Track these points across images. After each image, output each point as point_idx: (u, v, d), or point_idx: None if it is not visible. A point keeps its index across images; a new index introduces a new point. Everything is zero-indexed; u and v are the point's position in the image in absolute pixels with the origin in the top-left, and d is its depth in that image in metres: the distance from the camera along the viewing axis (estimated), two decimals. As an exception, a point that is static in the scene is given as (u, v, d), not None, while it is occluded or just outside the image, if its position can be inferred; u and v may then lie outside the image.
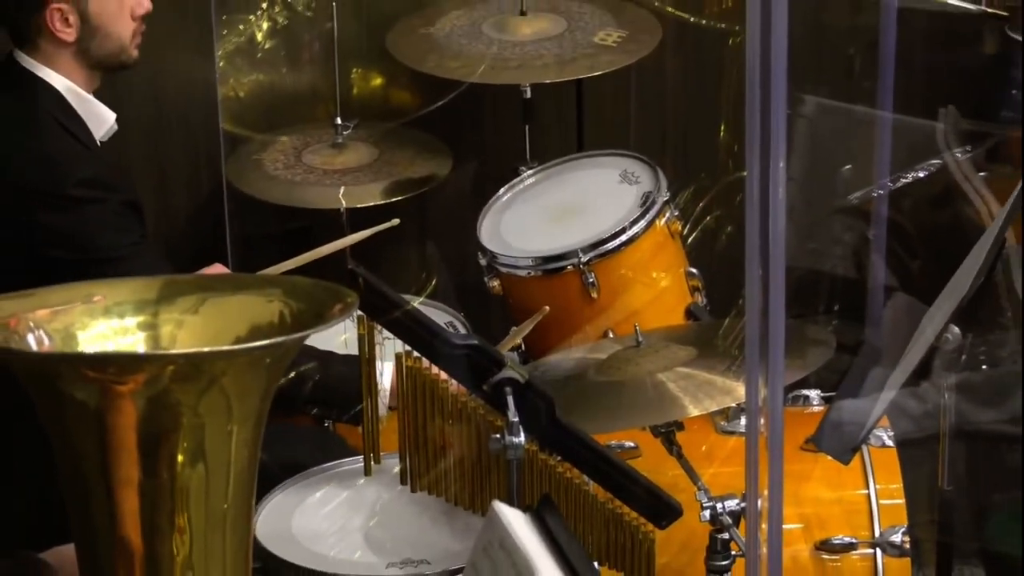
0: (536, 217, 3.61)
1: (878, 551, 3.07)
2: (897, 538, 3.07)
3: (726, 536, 2.81)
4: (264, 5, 3.93)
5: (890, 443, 3.18)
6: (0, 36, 3.21)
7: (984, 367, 2.99)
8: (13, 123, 3.10)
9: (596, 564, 2.72)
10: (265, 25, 3.94)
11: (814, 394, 3.35)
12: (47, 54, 3.13)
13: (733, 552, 2.82)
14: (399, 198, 3.72)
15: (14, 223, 3.05)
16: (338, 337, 3.21)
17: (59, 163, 3.07)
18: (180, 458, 1.99)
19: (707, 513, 2.80)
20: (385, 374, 2.88)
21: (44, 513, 2.90)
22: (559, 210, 3.60)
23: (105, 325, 2.08)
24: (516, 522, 2.34)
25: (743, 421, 3.16)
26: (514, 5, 3.86)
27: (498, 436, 2.64)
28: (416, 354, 2.67)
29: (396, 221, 3.48)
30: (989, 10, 3.63)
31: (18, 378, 1.99)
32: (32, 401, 2.01)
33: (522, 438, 2.62)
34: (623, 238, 3.42)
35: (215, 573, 2.06)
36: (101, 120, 3.19)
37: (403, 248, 3.96)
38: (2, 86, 3.14)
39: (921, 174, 3.24)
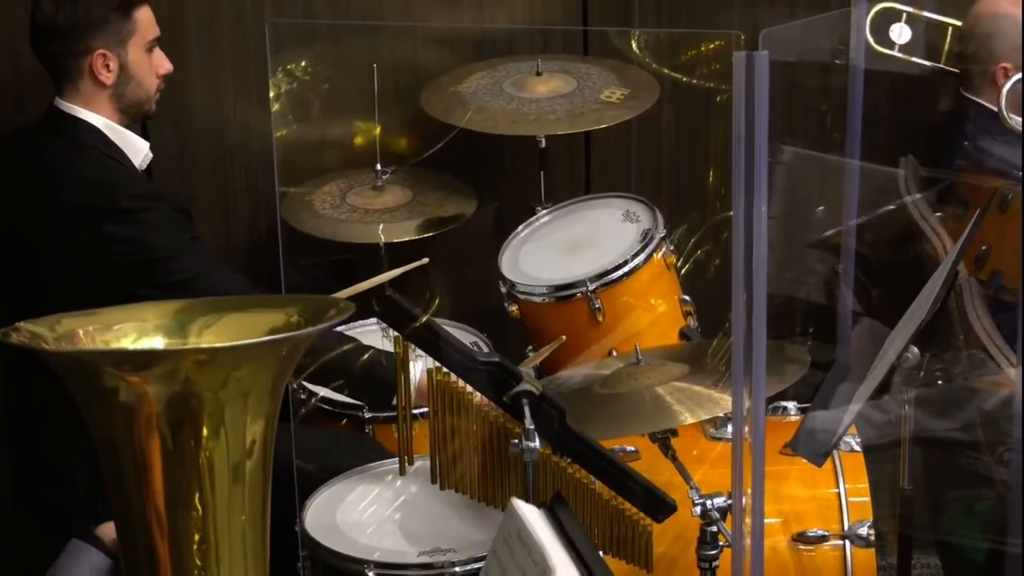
0: (550, 251, 3.60)
1: (847, 542, 3.05)
2: (864, 531, 3.04)
3: (715, 529, 2.79)
4: (317, 66, 3.93)
5: (857, 448, 3.15)
6: (38, 95, 3.29)
7: (939, 382, 2.97)
8: (64, 157, 3.13)
9: (601, 553, 2.70)
10: (316, 83, 3.94)
11: (791, 405, 3.32)
12: (87, 96, 3.16)
13: (720, 543, 2.80)
14: (430, 234, 3.71)
15: (79, 239, 3.06)
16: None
17: (110, 183, 3.09)
18: (201, 442, 2.01)
19: (698, 509, 2.78)
20: (416, 369, 2.88)
21: (98, 494, 2.92)
22: (570, 245, 3.59)
23: (148, 342, 2.12)
24: (532, 516, 2.34)
25: (729, 428, 3.15)
26: (531, 67, 3.86)
27: (516, 441, 2.63)
28: (445, 369, 2.67)
29: (426, 260, 3.47)
30: (946, 67, 3.62)
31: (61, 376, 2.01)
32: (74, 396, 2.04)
33: (537, 443, 2.61)
34: (625, 269, 3.40)
35: (236, 546, 2.07)
36: (137, 149, 3.22)
37: (434, 277, 3.95)
38: (50, 129, 3.18)
39: (884, 214, 3.24)
